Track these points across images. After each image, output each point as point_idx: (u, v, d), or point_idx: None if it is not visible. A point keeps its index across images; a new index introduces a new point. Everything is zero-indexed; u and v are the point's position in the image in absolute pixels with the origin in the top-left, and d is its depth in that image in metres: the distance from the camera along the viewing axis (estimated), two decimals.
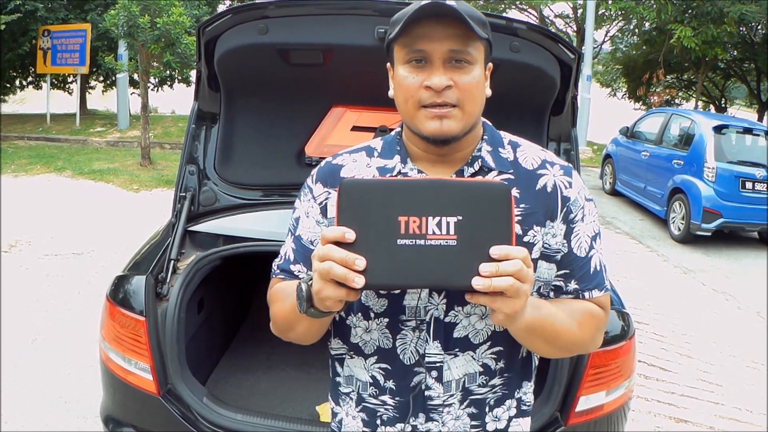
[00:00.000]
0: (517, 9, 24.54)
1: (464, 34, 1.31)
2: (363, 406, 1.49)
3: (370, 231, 1.14)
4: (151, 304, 2.55)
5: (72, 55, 16.64)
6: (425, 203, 1.14)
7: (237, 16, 2.71)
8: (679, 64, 22.49)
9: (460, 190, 1.16)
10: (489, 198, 1.15)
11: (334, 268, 1.12)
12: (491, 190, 1.16)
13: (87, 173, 11.76)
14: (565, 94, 2.82)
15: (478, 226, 1.14)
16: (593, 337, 1.43)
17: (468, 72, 1.34)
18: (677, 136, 10.74)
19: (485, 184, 1.20)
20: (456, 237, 1.13)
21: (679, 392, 4.80)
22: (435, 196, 1.15)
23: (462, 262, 1.13)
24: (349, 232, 1.13)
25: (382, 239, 1.14)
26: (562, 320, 1.34)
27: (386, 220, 1.14)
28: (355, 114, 3.09)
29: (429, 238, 1.13)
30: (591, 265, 1.43)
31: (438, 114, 1.33)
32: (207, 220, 3.00)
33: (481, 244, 1.13)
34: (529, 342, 1.35)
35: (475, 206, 1.15)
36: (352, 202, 1.15)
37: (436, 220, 1.13)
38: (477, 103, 1.37)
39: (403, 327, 1.40)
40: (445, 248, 1.13)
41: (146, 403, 2.55)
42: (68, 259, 6.97)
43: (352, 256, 1.12)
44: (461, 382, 1.42)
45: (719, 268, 8.55)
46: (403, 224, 1.13)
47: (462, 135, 1.38)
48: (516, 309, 1.14)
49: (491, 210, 1.15)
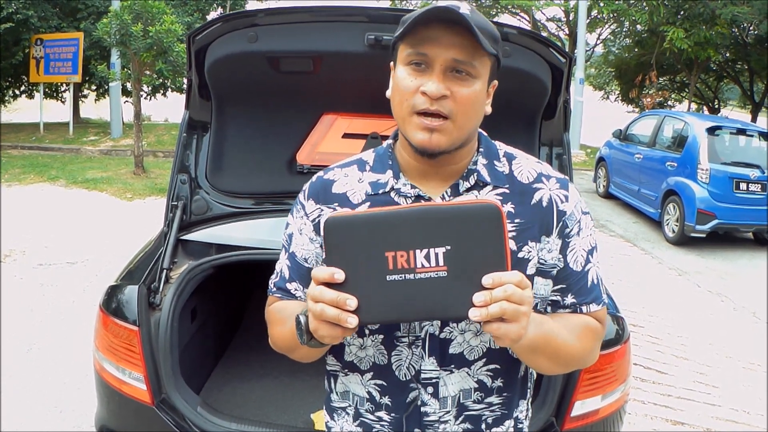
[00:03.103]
0: (510, 13, 24.59)
1: (471, 45, 1.26)
2: (360, 421, 1.47)
3: (358, 269, 1.13)
4: (144, 314, 2.54)
5: (65, 63, 16.65)
6: (411, 235, 1.12)
7: (227, 24, 2.70)
8: (672, 66, 22.59)
9: (447, 216, 1.13)
10: (478, 221, 1.12)
11: (327, 310, 1.12)
12: (480, 212, 1.13)
13: (80, 182, 11.74)
14: (557, 98, 2.82)
15: (469, 252, 1.12)
16: (591, 352, 1.42)
17: (468, 85, 1.30)
18: (670, 138, 10.76)
19: (472, 207, 1.14)
20: (446, 268, 1.11)
21: (675, 394, 4.79)
22: (421, 227, 1.12)
23: (455, 292, 1.11)
24: (338, 273, 1.12)
25: (371, 277, 1.12)
26: (563, 336, 1.32)
27: (374, 257, 1.12)
28: (346, 121, 3.08)
29: (418, 271, 1.11)
30: (588, 279, 1.41)
31: (428, 126, 1.29)
32: (199, 228, 2.99)
33: (474, 271, 1.11)
34: (531, 359, 1.33)
35: (463, 232, 1.12)
36: (338, 240, 1.13)
37: (424, 252, 1.11)
38: (471, 118, 1.33)
39: (398, 343, 1.39)
40: (436, 280, 1.11)
41: (140, 413, 2.53)
42: (62, 268, 6.95)
43: (343, 297, 1.12)
44: (456, 398, 1.40)
45: (714, 269, 8.56)
46: (390, 260, 1.12)
47: (452, 149, 1.34)
48: (519, 333, 1.13)
49: (481, 233, 1.12)
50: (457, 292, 1.11)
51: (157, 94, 20.25)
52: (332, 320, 1.13)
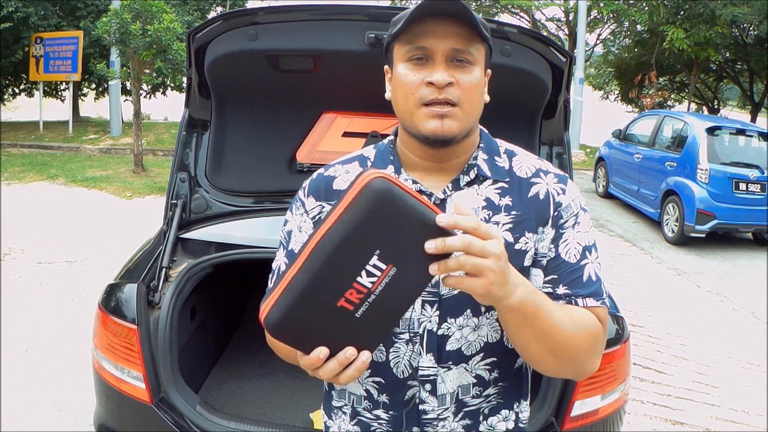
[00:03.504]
0: (510, 13, 24.57)
1: (467, 33, 1.29)
2: (358, 419, 1.46)
3: (329, 332, 1.11)
4: (143, 313, 2.53)
5: (64, 62, 16.66)
6: (341, 270, 1.08)
7: (227, 22, 2.70)
8: (672, 66, 22.58)
9: (347, 231, 1.06)
10: (374, 205, 1.06)
11: (341, 378, 1.13)
12: (368, 196, 1.06)
13: (80, 181, 11.73)
14: (557, 97, 2.82)
15: (396, 235, 1.07)
16: (587, 350, 1.33)
17: (469, 72, 1.32)
18: (670, 138, 10.76)
19: (360, 196, 1.07)
20: (391, 265, 1.08)
21: (674, 394, 4.79)
22: (342, 258, 1.07)
23: (413, 275, 1.09)
24: (321, 352, 1.11)
25: (343, 327, 1.10)
26: (556, 316, 1.26)
27: (333, 315, 1.09)
28: (346, 119, 3.08)
29: (373, 290, 1.09)
30: (584, 273, 1.37)
31: (439, 113, 1.30)
32: (199, 227, 2.98)
33: (414, 245, 1.07)
34: (518, 333, 1.26)
35: (373, 226, 1.07)
36: (292, 328, 1.11)
37: (363, 274, 1.08)
38: (476, 105, 1.35)
39: (396, 340, 1.38)
40: (394, 279, 1.09)
41: (139, 412, 2.53)
42: (62, 266, 6.95)
43: (344, 358, 1.11)
44: (455, 394, 1.40)
45: (713, 269, 8.57)
46: (348, 305, 1.09)
47: (460, 138, 1.35)
48: (486, 287, 1.09)
49: (387, 211, 1.06)
50: (414, 274, 1.09)
51: (156, 92, 20.28)
52: (352, 379, 1.14)
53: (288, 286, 1.09)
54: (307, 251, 1.09)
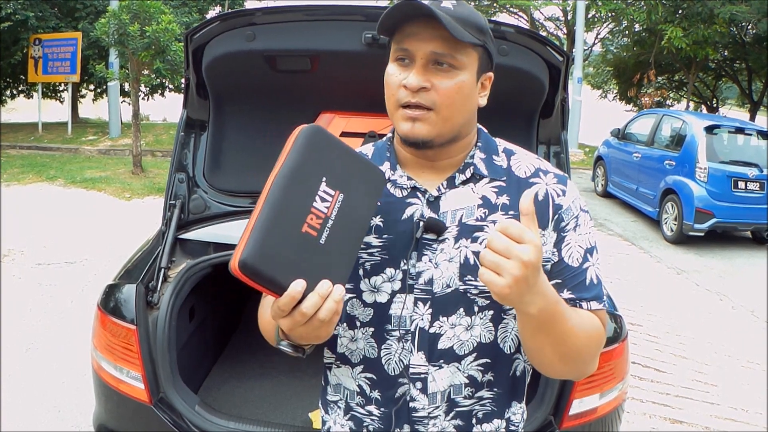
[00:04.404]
0: (508, 13, 24.58)
1: (452, 37, 1.26)
2: (351, 414, 1.47)
3: (300, 264, 1.15)
4: (141, 313, 2.54)
5: (63, 63, 16.64)
6: (298, 197, 1.17)
7: (224, 23, 2.70)
8: (670, 65, 22.58)
9: (295, 161, 1.20)
10: (308, 139, 1.22)
11: (323, 312, 1.15)
12: (304, 134, 1.23)
13: (79, 182, 11.73)
14: (555, 96, 2.82)
15: (333, 163, 1.24)
16: (593, 354, 1.35)
17: (451, 77, 1.30)
18: (669, 136, 10.76)
19: (298, 138, 1.23)
20: (338, 191, 1.22)
21: (673, 393, 4.80)
22: (297, 186, 1.18)
23: (358, 201, 1.25)
24: (299, 284, 1.13)
25: (314, 256, 1.17)
26: (574, 321, 1.26)
27: (300, 243, 1.16)
28: (343, 120, 3.08)
29: (329, 215, 1.20)
30: (586, 276, 1.37)
31: (411, 116, 1.31)
32: (197, 227, 2.99)
33: (351, 176, 1.25)
34: (535, 341, 1.27)
35: (314, 155, 1.21)
36: (264, 264, 1.15)
37: (317, 200, 1.19)
38: (457, 109, 1.33)
39: (388, 337, 1.39)
40: (345, 205, 1.22)
41: (138, 412, 2.53)
42: (61, 267, 6.95)
43: (324, 290, 1.15)
44: (446, 393, 1.39)
45: (712, 268, 8.57)
46: (311, 231, 1.18)
47: (439, 141, 1.34)
48: (501, 289, 1.10)
49: (321, 143, 1.24)
50: (358, 201, 1.24)
51: (155, 93, 20.28)
52: (327, 314, 1.14)
53: (254, 225, 1.15)
54: (266, 190, 1.18)
